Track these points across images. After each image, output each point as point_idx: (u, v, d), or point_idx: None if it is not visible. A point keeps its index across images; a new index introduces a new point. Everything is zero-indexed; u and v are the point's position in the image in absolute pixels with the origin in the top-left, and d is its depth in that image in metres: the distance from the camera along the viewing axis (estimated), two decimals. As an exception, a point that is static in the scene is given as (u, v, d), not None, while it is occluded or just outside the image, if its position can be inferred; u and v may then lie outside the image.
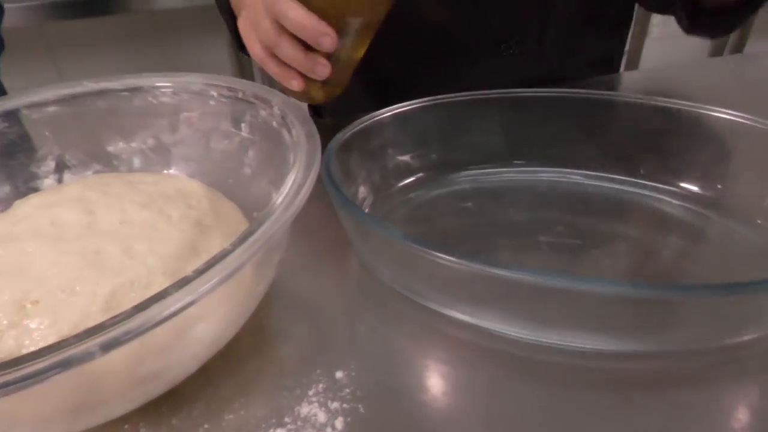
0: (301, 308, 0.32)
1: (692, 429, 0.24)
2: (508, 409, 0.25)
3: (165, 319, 0.17)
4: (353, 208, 0.29)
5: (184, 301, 0.18)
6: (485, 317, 0.28)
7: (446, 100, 0.40)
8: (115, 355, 0.20)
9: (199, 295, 0.18)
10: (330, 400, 0.26)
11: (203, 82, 0.33)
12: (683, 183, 0.37)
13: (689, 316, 0.27)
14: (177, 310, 0.18)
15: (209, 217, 0.28)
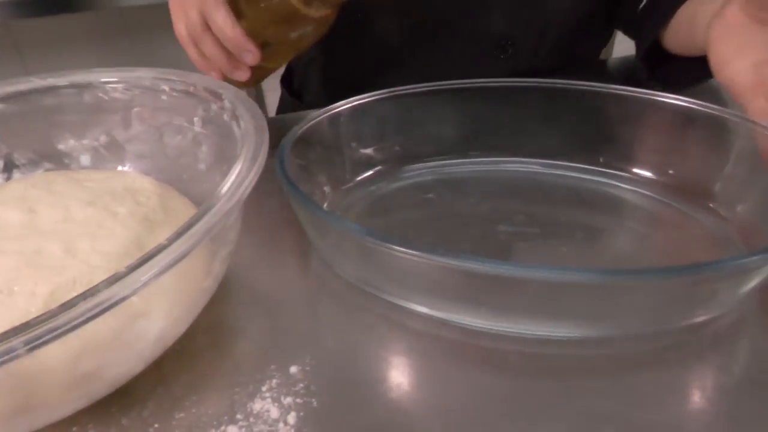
0: (258, 303, 0.31)
1: (647, 411, 0.24)
2: (461, 398, 0.25)
3: (93, 316, 0.17)
4: (307, 203, 0.28)
5: (114, 298, 0.17)
6: (441, 308, 0.28)
7: (406, 92, 0.40)
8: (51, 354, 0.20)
9: (131, 291, 0.18)
10: (283, 396, 0.26)
11: (154, 77, 0.33)
12: (639, 170, 0.38)
13: (642, 300, 0.27)
14: (106, 307, 0.17)
15: (158, 213, 0.27)
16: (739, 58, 0.34)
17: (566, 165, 0.39)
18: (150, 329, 0.22)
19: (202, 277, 0.24)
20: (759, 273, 0.26)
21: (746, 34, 0.34)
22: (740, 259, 0.24)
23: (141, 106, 0.34)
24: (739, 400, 0.24)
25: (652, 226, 0.35)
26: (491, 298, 0.27)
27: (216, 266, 0.25)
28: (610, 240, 0.34)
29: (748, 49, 0.34)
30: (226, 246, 0.25)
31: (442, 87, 0.40)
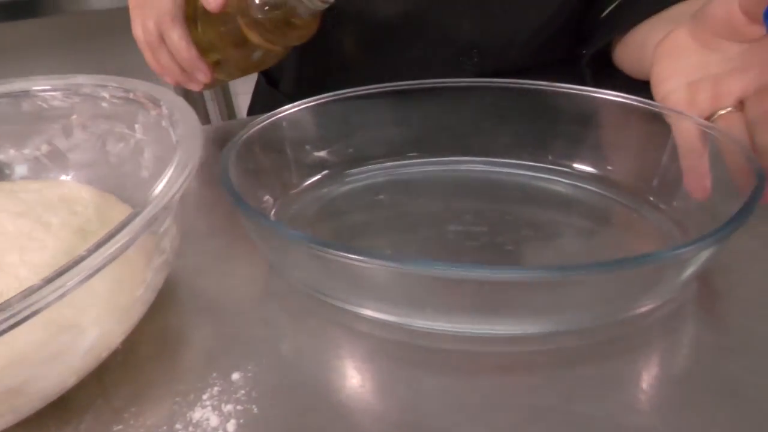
0: (204, 311, 0.31)
1: (586, 404, 0.24)
2: (404, 399, 0.25)
3: (5, 330, 0.17)
4: (249, 211, 0.28)
5: (25, 312, 0.17)
6: (386, 310, 0.28)
7: (354, 94, 0.40)
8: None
9: (44, 305, 0.17)
10: (224, 403, 0.25)
11: (93, 84, 0.32)
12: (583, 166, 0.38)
13: (581, 295, 0.27)
14: (20, 320, 0.17)
15: (93, 223, 0.27)
16: (675, 77, 0.35)
17: (516, 163, 0.40)
18: (79, 341, 0.22)
19: (135, 286, 0.24)
20: (694, 262, 0.27)
21: (686, 54, 0.35)
22: (676, 250, 0.25)
23: (81, 114, 0.33)
24: (678, 389, 0.25)
25: (595, 221, 0.36)
26: (434, 299, 0.27)
27: (150, 275, 0.25)
28: (554, 236, 0.35)
29: (685, 69, 0.35)
30: (159, 255, 0.25)
31: (396, 88, 0.40)
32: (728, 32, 0.33)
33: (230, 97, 1.48)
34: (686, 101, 0.35)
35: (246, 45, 0.43)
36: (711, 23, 0.34)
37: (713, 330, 0.28)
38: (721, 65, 0.34)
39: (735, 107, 0.33)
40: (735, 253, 0.32)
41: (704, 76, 0.34)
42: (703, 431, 0.23)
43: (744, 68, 0.33)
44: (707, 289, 0.30)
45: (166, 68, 0.45)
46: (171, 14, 0.42)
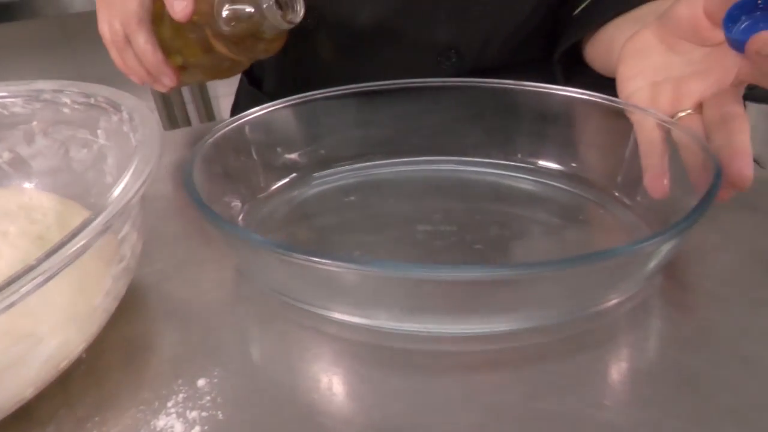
0: (171, 317, 0.31)
1: (549, 401, 0.24)
2: (370, 400, 0.25)
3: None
4: (214, 217, 0.28)
5: (-30, 322, 0.17)
6: (353, 312, 0.28)
7: (327, 95, 0.40)
8: None
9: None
10: (189, 410, 0.25)
11: (54, 89, 0.32)
12: (550, 163, 0.39)
13: (546, 292, 0.27)
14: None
15: (53, 231, 0.27)
16: (640, 76, 0.36)
17: (485, 162, 0.40)
18: (36, 351, 0.21)
19: (95, 294, 0.24)
20: (656, 256, 0.27)
21: (651, 55, 0.36)
22: (637, 245, 0.25)
23: (42, 120, 0.33)
24: (641, 384, 0.25)
25: (563, 217, 0.36)
26: (401, 300, 0.27)
27: (109, 283, 0.24)
28: (523, 234, 0.35)
29: (649, 69, 0.36)
30: (118, 262, 0.25)
31: (360, 89, 0.40)
32: (692, 35, 0.34)
33: (209, 98, 1.47)
34: (649, 101, 0.35)
35: (212, 53, 0.43)
36: (676, 25, 0.34)
37: (676, 324, 0.28)
38: (684, 67, 0.35)
39: (694, 109, 0.33)
40: (698, 246, 0.33)
41: (667, 78, 0.35)
42: (663, 425, 0.23)
43: (705, 72, 0.33)
44: (671, 282, 0.31)
45: (131, 69, 0.45)
46: (137, 16, 0.42)
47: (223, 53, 0.42)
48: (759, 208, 0.36)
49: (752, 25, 0.30)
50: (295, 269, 0.28)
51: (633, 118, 0.35)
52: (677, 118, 0.34)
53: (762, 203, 0.37)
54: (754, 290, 0.30)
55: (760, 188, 0.38)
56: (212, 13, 0.41)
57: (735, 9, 0.30)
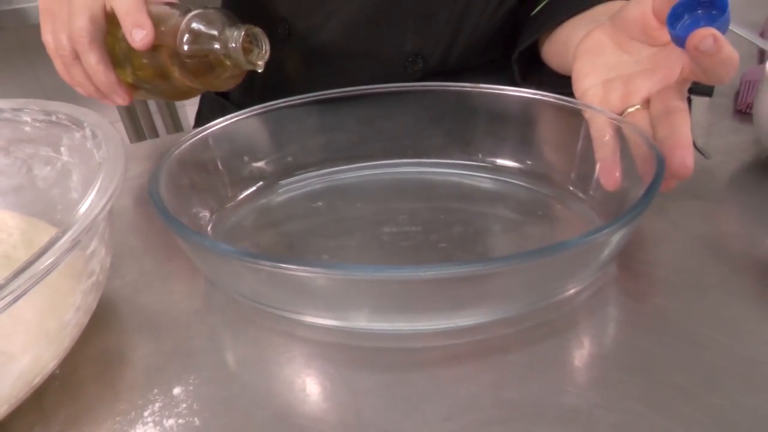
0: (144, 329, 0.31)
1: (512, 390, 0.25)
2: (343, 398, 0.26)
3: None
4: (179, 227, 0.28)
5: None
6: (323, 315, 0.29)
7: (290, 103, 0.41)
8: None
9: (-40, 336, 0.17)
10: (166, 418, 0.26)
11: (13, 108, 0.32)
12: (508, 162, 0.40)
13: (511, 284, 0.28)
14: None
15: (19, 249, 0.27)
16: (592, 74, 0.38)
17: (446, 163, 0.41)
18: (7, 369, 0.22)
19: (64, 310, 0.24)
20: (608, 245, 0.28)
21: (604, 54, 0.38)
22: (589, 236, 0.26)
23: (2, 139, 0.33)
24: (599, 368, 0.27)
25: (522, 213, 0.38)
26: (369, 301, 0.28)
27: (79, 298, 0.25)
28: (485, 231, 0.36)
29: (601, 68, 0.38)
30: (87, 277, 0.25)
31: (322, 97, 0.41)
32: (641, 35, 0.36)
33: (175, 108, 1.45)
34: (601, 98, 0.37)
35: (170, 79, 0.42)
36: (626, 26, 0.36)
37: (630, 310, 0.30)
38: (633, 66, 0.37)
39: (642, 105, 0.35)
40: (647, 235, 0.35)
41: (618, 75, 0.37)
42: (620, 406, 0.25)
43: (651, 70, 0.35)
44: (624, 271, 0.32)
45: (78, 83, 0.43)
46: (89, 36, 0.40)
47: (180, 82, 0.42)
48: (703, 197, 0.38)
49: (693, 22, 0.32)
50: (264, 276, 0.28)
51: (586, 115, 0.37)
52: (627, 114, 0.35)
53: (706, 192, 0.39)
54: (701, 275, 0.32)
55: (704, 178, 0.40)
56: (174, 44, 0.40)
57: (678, 7, 0.32)
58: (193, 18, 0.40)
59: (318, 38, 0.54)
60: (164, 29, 0.40)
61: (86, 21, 0.40)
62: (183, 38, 0.39)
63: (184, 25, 0.39)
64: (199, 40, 0.40)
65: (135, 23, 0.39)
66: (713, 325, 0.28)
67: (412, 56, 0.54)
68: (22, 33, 1.36)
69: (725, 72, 0.31)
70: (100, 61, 0.40)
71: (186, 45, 0.39)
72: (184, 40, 0.39)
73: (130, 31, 0.39)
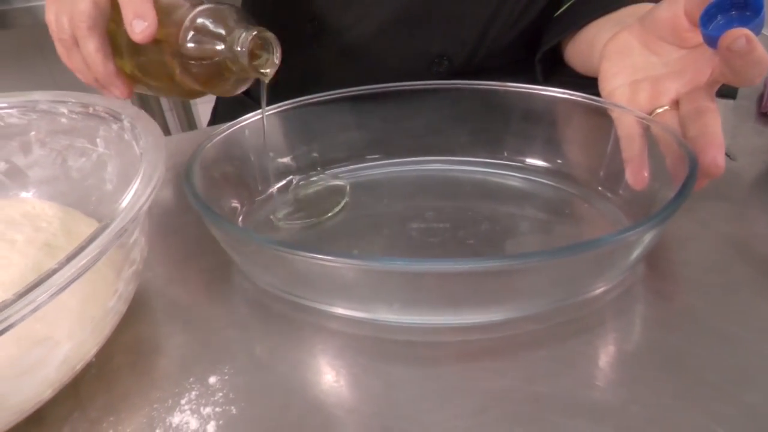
0: (176, 318, 0.31)
1: (544, 384, 0.26)
2: (375, 390, 0.26)
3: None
4: (215, 218, 0.29)
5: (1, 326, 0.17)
6: (354, 307, 0.29)
7: (319, 99, 0.41)
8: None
9: (18, 318, 0.18)
10: (202, 406, 0.26)
11: (51, 100, 0.32)
12: (535, 160, 0.40)
13: (537, 282, 0.29)
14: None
15: (59, 238, 0.27)
16: (620, 75, 0.38)
17: (473, 161, 0.42)
18: (53, 354, 0.22)
19: (107, 297, 0.24)
20: (639, 245, 0.29)
21: (632, 55, 0.38)
22: (620, 235, 0.27)
23: (39, 131, 0.33)
24: (629, 365, 0.27)
25: (549, 212, 0.38)
26: (400, 294, 0.28)
27: (121, 286, 0.25)
28: (512, 229, 0.36)
29: (629, 68, 0.38)
30: (129, 265, 0.26)
31: (350, 93, 0.41)
32: (671, 36, 0.36)
33: (189, 106, 1.46)
34: (629, 98, 0.37)
35: (172, 77, 0.38)
36: (656, 27, 0.36)
37: (659, 308, 0.30)
38: (661, 68, 0.37)
39: (671, 106, 0.35)
40: (677, 235, 0.35)
41: (645, 77, 0.37)
42: (651, 401, 0.25)
43: (680, 71, 0.36)
44: (652, 270, 0.32)
45: (77, 69, 0.40)
46: (89, 20, 0.37)
47: (182, 82, 0.38)
48: (729, 198, 0.38)
49: (726, 23, 0.32)
50: (299, 267, 0.29)
51: (613, 115, 0.37)
52: (655, 114, 0.36)
53: (733, 193, 0.39)
54: (729, 274, 0.32)
55: (730, 179, 0.40)
56: (176, 41, 0.36)
57: (712, 8, 0.32)
58: (200, 13, 0.36)
59: (347, 37, 0.54)
60: (168, 22, 0.36)
61: (89, 4, 0.37)
62: (186, 35, 0.35)
63: (188, 20, 0.35)
64: (204, 39, 0.36)
65: (136, 13, 0.35)
66: (743, 323, 0.29)
67: (438, 57, 0.55)
68: (36, 30, 1.37)
69: (756, 73, 0.31)
70: (98, 49, 0.37)
71: (189, 43, 0.36)
72: (188, 37, 0.35)
73: (131, 21, 0.35)
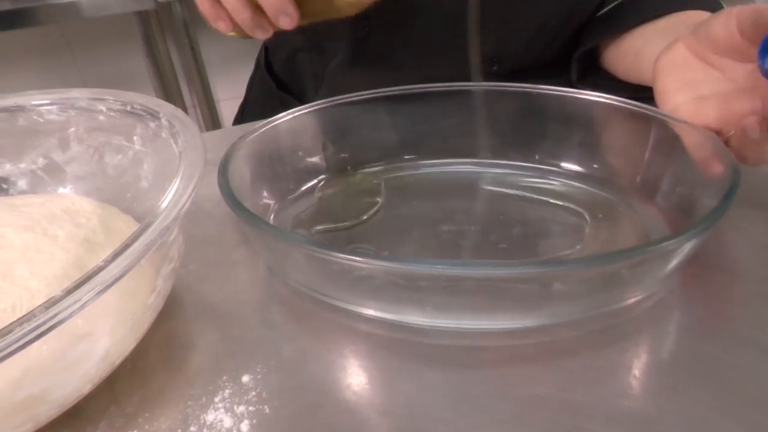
0: (209, 317, 0.32)
1: (578, 392, 0.25)
2: (408, 393, 0.26)
3: (31, 341, 0.17)
4: (249, 216, 0.29)
5: (51, 322, 0.18)
6: (387, 309, 0.29)
7: (348, 101, 0.41)
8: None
9: (67, 315, 0.18)
10: (236, 405, 0.26)
11: (89, 97, 0.33)
12: (569, 164, 0.40)
13: (573, 289, 0.28)
14: (44, 331, 0.18)
15: (98, 234, 0.27)
16: (682, 92, 0.36)
17: (504, 164, 0.41)
18: (94, 349, 0.22)
19: (146, 294, 0.25)
20: (678, 254, 0.28)
21: (690, 70, 0.37)
22: (660, 243, 0.26)
23: (77, 127, 0.34)
24: (666, 374, 0.26)
25: (583, 216, 0.37)
26: (433, 297, 0.28)
27: (160, 283, 0.25)
28: (545, 233, 0.36)
29: (690, 84, 0.36)
30: (168, 263, 0.26)
31: (382, 94, 0.41)
32: (730, 53, 0.34)
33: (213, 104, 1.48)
34: (694, 115, 0.35)
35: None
36: (713, 43, 0.35)
37: (696, 317, 0.30)
38: (727, 84, 0.35)
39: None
40: (714, 243, 0.34)
41: (712, 93, 0.35)
42: (689, 411, 0.24)
43: (752, 90, 0.34)
44: (690, 279, 0.32)
45: (232, 9, 0.37)
46: None
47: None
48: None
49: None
50: (331, 267, 0.29)
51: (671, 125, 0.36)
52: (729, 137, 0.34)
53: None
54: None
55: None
56: None
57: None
58: None
59: (399, 38, 0.54)
60: None
61: None
62: None
63: None
64: None
65: None
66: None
67: (489, 60, 0.54)
68: (66, 27, 1.40)
69: None
70: None
71: None
72: None
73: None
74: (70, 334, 0.22)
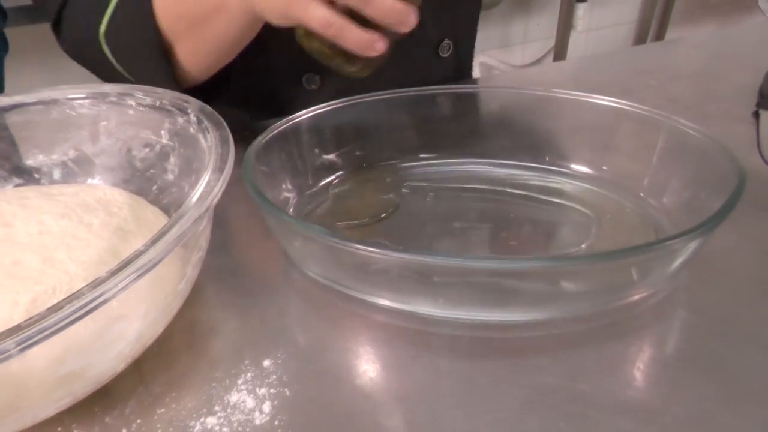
0: (231, 304, 0.33)
1: (586, 383, 0.27)
2: (421, 381, 0.27)
3: (78, 318, 0.19)
4: (272, 208, 0.30)
5: (97, 300, 0.19)
6: (402, 300, 0.30)
7: (364, 100, 0.42)
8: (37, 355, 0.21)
9: (111, 295, 0.19)
10: (258, 387, 0.28)
11: (120, 92, 0.34)
12: (578, 166, 0.41)
13: (582, 284, 0.30)
14: (90, 309, 0.19)
15: (130, 223, 0.29)
16: None
17: (515, 164, 0.42)
18: (129, 330, 0.24)
19: (176, 280, 0.26)
20: (683, 253, 0.29)
21: None
22: (666, 242, 0.27)
23: (108, 121, 0.35)
24: (671, 367, 0.27)
25: (592, 216, 0.38)
26: (447, 290, 0.29)
27: (189, 270, 0.27)
28: (555, 232, 0.37)
29: None
30: (197, 251, 0.27)
31: (397, 95, 0.43)
32: None
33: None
34: None
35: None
36: None
37: (700, 314, 0.31)
38: None
39: None
40: (718, 244, 0.35)
41: None
42: (693, 404, 0.25)
43: None
44: (694, 277, 0.33)
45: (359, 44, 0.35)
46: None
47: None
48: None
49: None
50: (349, 258, 0.30)
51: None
52: None
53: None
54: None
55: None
56: None
57: None
58: None
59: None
60: None
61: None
62: None
63: None
64: None
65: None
66: (786, 334, 0.29)
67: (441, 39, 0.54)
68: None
69: None
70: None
71: None
72: None
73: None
74: (106, 316, 0.23)
